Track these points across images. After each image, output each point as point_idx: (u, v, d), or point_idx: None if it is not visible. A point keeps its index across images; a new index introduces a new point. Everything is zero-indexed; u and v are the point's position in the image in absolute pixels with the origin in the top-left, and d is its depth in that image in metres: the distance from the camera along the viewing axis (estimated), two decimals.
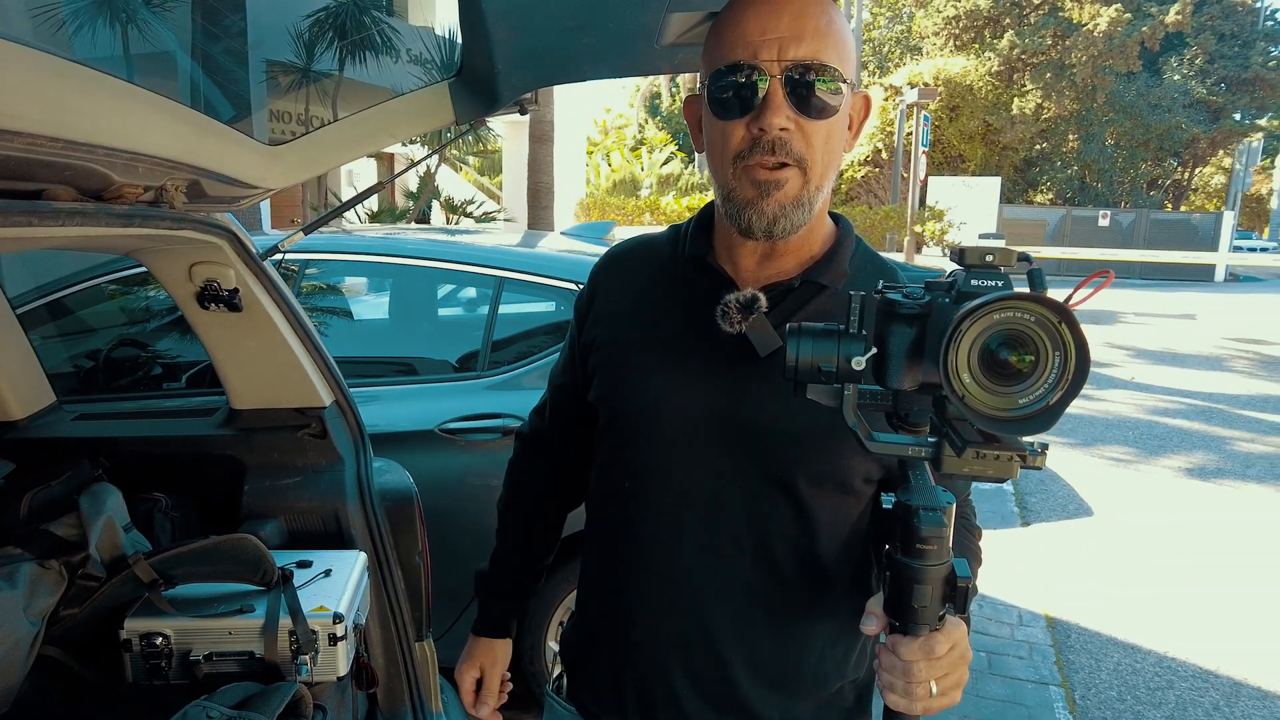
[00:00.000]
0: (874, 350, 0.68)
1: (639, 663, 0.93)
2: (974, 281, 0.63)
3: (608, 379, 0.94)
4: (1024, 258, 0.65)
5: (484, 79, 1.46)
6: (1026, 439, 0.63)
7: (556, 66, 1.48)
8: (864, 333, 0.69)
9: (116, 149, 1.04)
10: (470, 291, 3.33)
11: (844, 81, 0.80)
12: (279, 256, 1.60)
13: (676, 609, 0.90)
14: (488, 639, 1.18)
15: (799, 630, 0.89)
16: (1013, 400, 0.58)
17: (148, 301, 2.87)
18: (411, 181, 11.04)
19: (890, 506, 0.73)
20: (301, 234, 1.60)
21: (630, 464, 0.93)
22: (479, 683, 1.18)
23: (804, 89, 0.79)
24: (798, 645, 0.90)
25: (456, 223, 10.60)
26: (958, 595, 0.71)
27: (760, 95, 0.79)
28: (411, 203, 10.08)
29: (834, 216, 0.93)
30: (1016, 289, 0.60)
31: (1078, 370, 0.56)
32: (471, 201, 10.96)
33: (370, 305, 3.30)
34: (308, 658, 1.28)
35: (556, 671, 1.08)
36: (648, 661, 0.92)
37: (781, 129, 0.79)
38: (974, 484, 0.99)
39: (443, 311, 3.38)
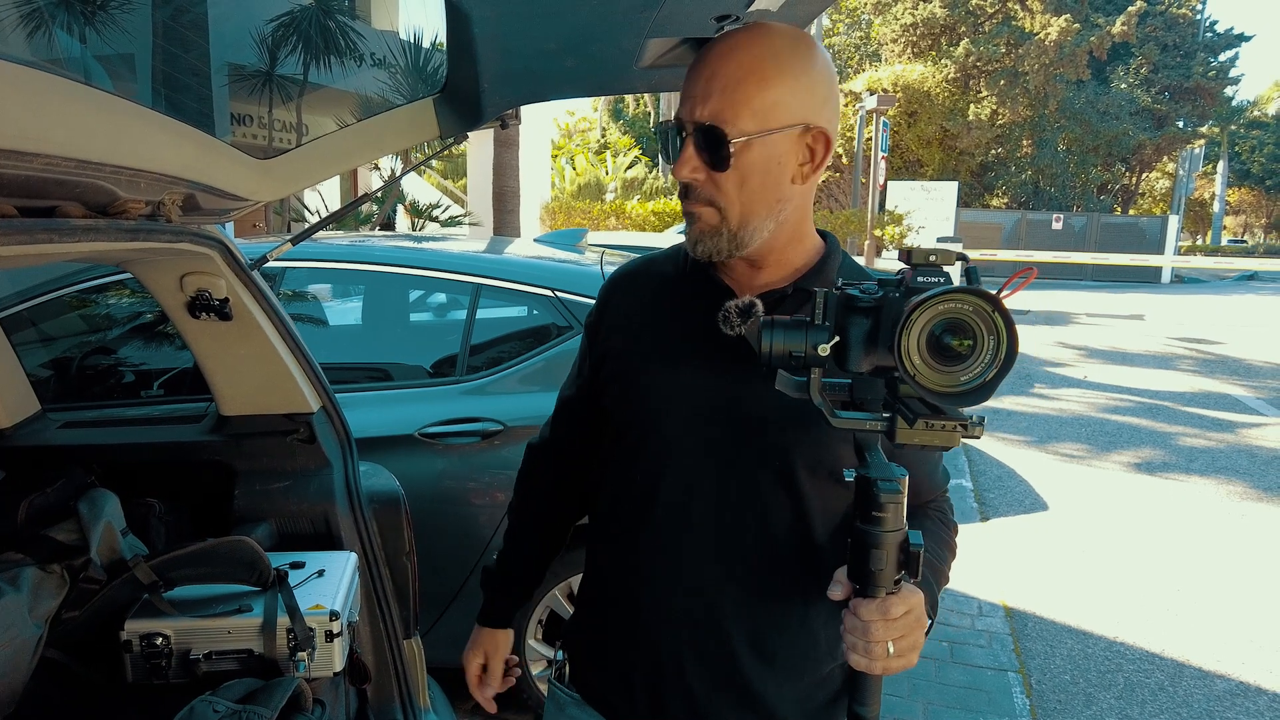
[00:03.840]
0: (837, 339, 0.78)
1: (648, 644, 1.00)
2: (920, 279, 0.74)
3: (622, 384, 1.03)
4: (961, 257, 0.76)
5: (468, 96, 1.52)
6: (968, 411, 0.74)
7: (539, 85, 1.54)
8: (827, 324, 0.79)
9: (122, 166, 1.09)
10: (441, 297, 3.37)
11: (752, 134, 0.88)
12: (269, 265, 1.64)
13: (685, 591, 0.97)
14: (490, 629, 1.25)
15: (797, 612, 0.97)
16: (955, 378, 0.69)
17: (112, 309, 2.86)
18: (375, 185, 10.97)
19: (851, 479, 0.82)
20: (290, 244, 1.65)
21: (643, 459, 1.01)
22: (484, 669, 1.26)
23: (708, 145, 0.89)
24: (795, 626, 0.97)
25: (422, 227, 10.56)
26: (911, 561, 0.80)
27: (677, 148, 0.91)
28: (376, 207, 10.02)
29: (822, 234, 1.03)
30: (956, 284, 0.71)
31: (1008, 351, 0.67)
32: (437, 205, 10.92)
33: (346, 312, 3.33)
34: (305, 654, 1.33)
35: (559, 660, 1.14)
36: (656, 642, 0.99)
37: (690, 178, 0.91)
38: (949, 483, 1.09)
39: (417, 317, 3.42)
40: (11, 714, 1.18)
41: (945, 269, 0.75)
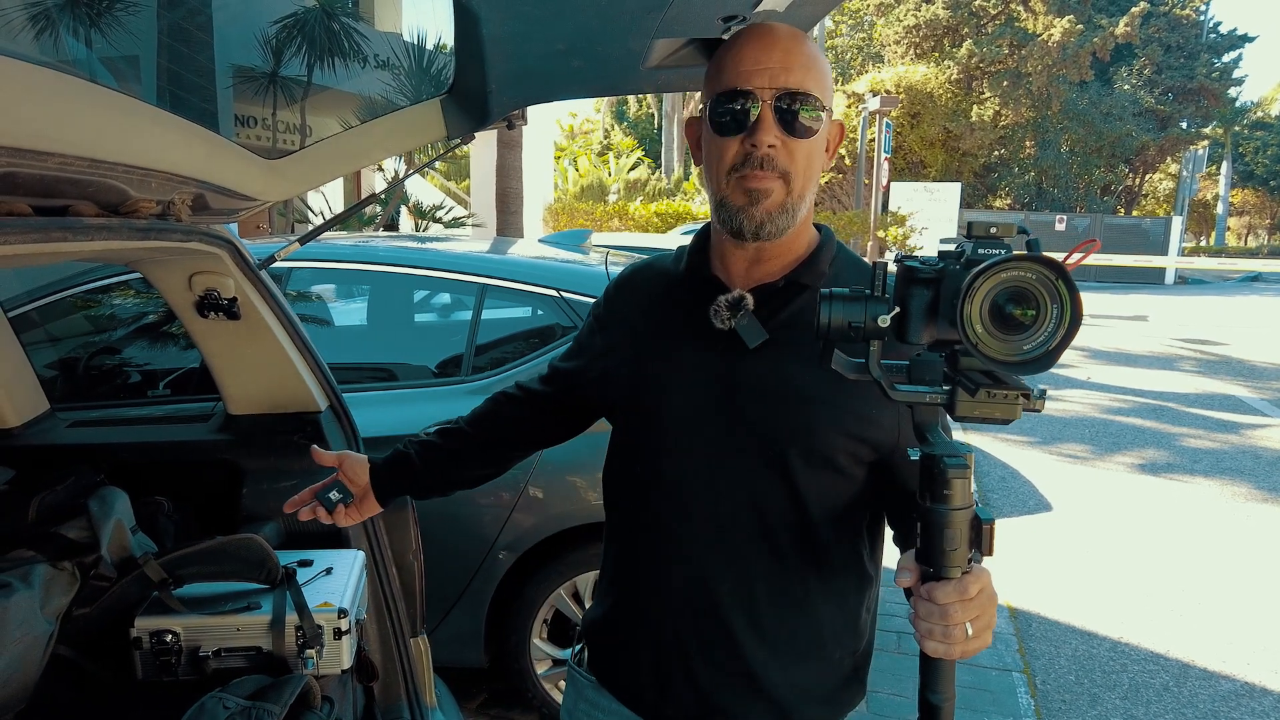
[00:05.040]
0: (897, 310, 0.77)
1: (652, 627, 1.03)
2: (980, 250, 0.73)
3: (622, 377, 1.06)
4: (1022, 229, 0.76)
5: (476, 97, 1.53)
6: (1030, 382, 0.73)
7: (546, 86, 1.55)
8: (886, 296, 0.79)
9: (134, 166, 1.10)
10: (446, 297, 3.38)
11: (823, 109, 0.94)
12: (276, 265, 1.65)
13: (684, 578, 1.00)
14: (361, 463, 1.22)
15: (799, 599, 0.98)
16: (1018, 346, 0.68)
17: (120, 309, 2.87)
18: (379, 186, 10.99)
19: (917, 459, 0.80)
20: (298, 244, 1.65)
21: (641, 451, 1.04)
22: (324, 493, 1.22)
23: (790, 113, 0.92)
24: (797, 613, 0.99)
25: (425, 229, 10.57)
26: (982, 538, 0.78)
27: (753, 117, 0.92)
28: (380, 208, 10.03)
29: (816, 226, 1.05)
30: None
31: (1072, 319, 0.66)
32: (440, 207, 10.93)
33: (352, 312, 3.34)
34: (314, 651, 1.33)
35: (579, 646, 1.17)
36: (660, 626, 1.02)
37: (770, 146, 0.92)
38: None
39: (422, 317, 3.42)
40: (23, 710, 1.19)
41: (1006, 241, 0.74)
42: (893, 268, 0.81)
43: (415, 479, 1.22)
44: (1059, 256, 0.72)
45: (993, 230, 0.73)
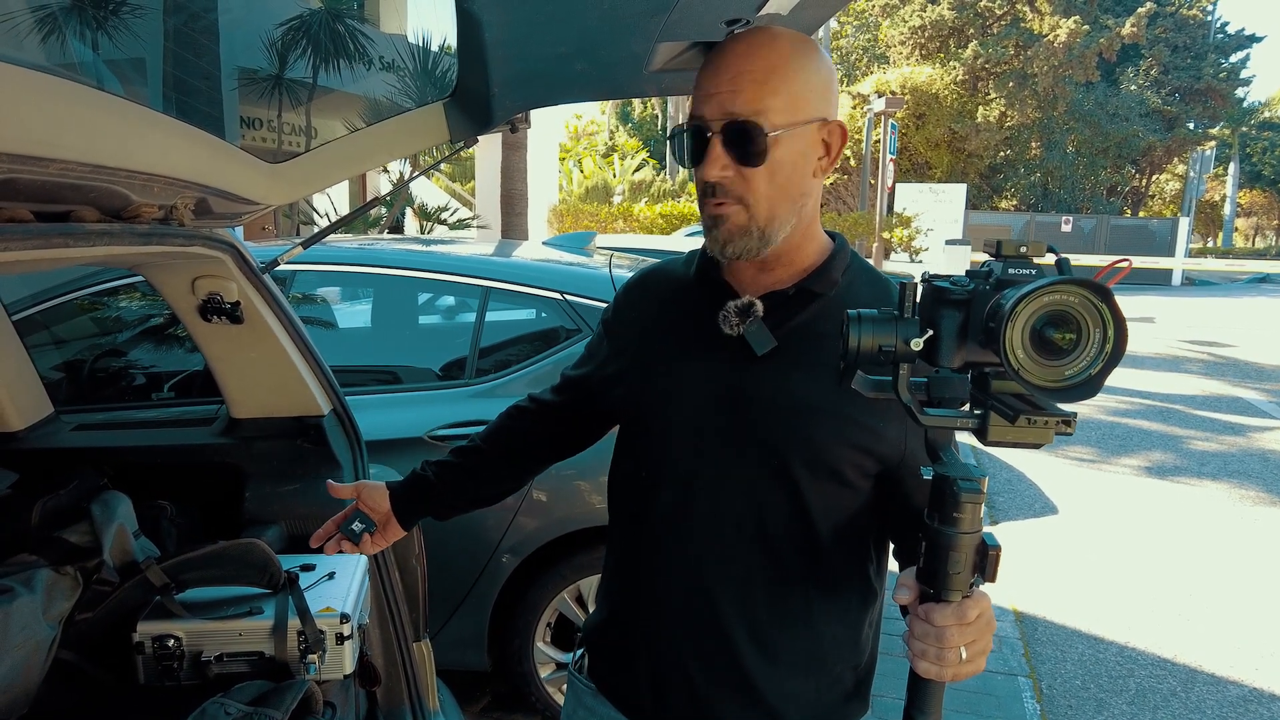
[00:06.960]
0: (930, 332, 0.75)
1: (652, 638, 1.02)
2: (1010, 270, 0.72)
3: (629, 381, 1.06)
4: (1051, 248, 0.74)
5: (478, 100, 1.53)
6: (1067, 407, 0.71)
7: (549, 89, 1.54)
8: (916, 318, 0.76)
9: (136, 171, 1.10)
10: (450, 300, 3.38)
11: (783, 128, 0.90)
12: (280, 268, 1.65)
13: (685, 587, 0.99)
14: (379, 491, 1.21)
15: (799, 611, 0.97)
16: (1060, 372, 0.65)
17: (124, 312, 2.88)
18: (384, 188, 11.01)
19: (929, 478, 0.78)
20: (300, 247, 1.65)
21: (644, 455, 1.03)
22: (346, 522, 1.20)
23: (740, 140, 0.90)
24: (798, 624, 0.97)
25: (430, 230, 10.58)
26: (988, 564, 0.76)
27: (704, 149, 0.91)
28: (385, 210, 10.04)
29: (831, 234, 1.04)
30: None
31: (1117, 343, 0.64)
32: (445, 208, 10.93)
33: (356, 315, 3.34)
34: (316, 657, 1.33)
35: (579, 652, 1.16)
36: (659, 637, 1.01)
37: (720, 178, 0.91)
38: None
39: (426, 320, 3.42)
40: (25, 715, 1.19)
41: (1035, 260, 0.72)
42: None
43: (436, 499, 1.21)
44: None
45: (1021, 249, 0.71)
